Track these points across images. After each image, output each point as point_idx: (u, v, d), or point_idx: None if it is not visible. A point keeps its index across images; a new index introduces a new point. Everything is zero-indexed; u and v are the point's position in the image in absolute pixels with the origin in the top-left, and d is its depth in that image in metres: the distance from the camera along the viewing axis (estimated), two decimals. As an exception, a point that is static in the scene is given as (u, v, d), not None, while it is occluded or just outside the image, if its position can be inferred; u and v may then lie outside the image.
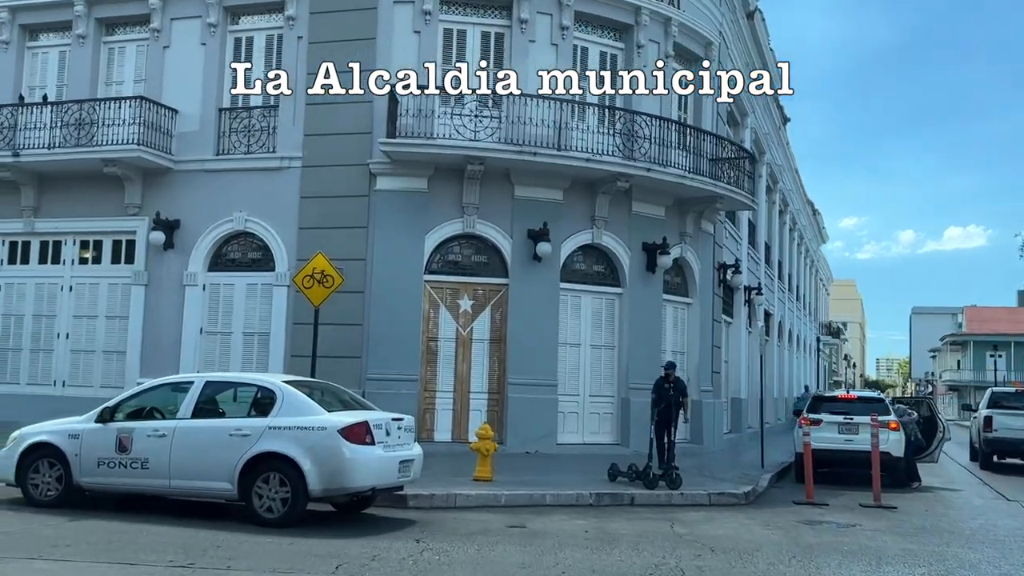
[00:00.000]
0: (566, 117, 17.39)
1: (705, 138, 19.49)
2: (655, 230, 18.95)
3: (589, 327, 18.56)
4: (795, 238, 43.10)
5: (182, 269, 18.27)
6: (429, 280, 17.60)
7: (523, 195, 17.77)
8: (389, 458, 9.75)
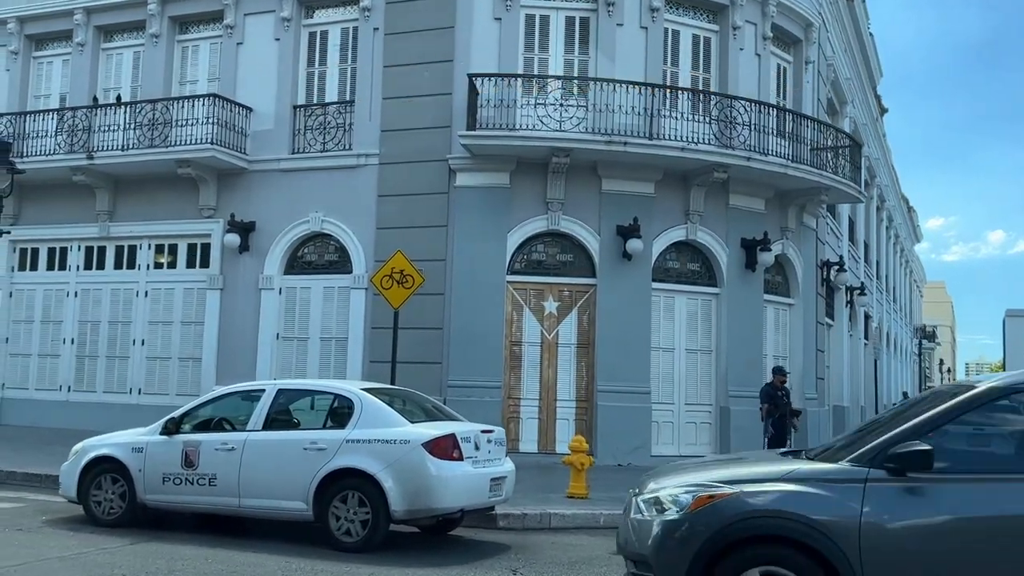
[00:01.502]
0: (657, 104, 16.21)
1: (807, 124, 18.04)
2: (754, 225, 17.58)
3: (684, 330, 17.28)
4: (891, 236, 40.90)
5: (258, 272, 17.66)
6: (512, 281, 16.60)
7: (611, 189, 16.63)
8: (479, 475, 8.71)
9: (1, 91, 20.05)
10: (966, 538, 4.83)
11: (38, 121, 18.85)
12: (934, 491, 4.93)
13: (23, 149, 18.46)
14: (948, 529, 4.86)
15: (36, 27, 20.10)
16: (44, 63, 20.36)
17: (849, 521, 4.91)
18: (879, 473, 5.00)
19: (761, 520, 5.09)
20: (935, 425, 5.12)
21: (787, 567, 5.01)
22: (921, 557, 4.85)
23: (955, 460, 5.10)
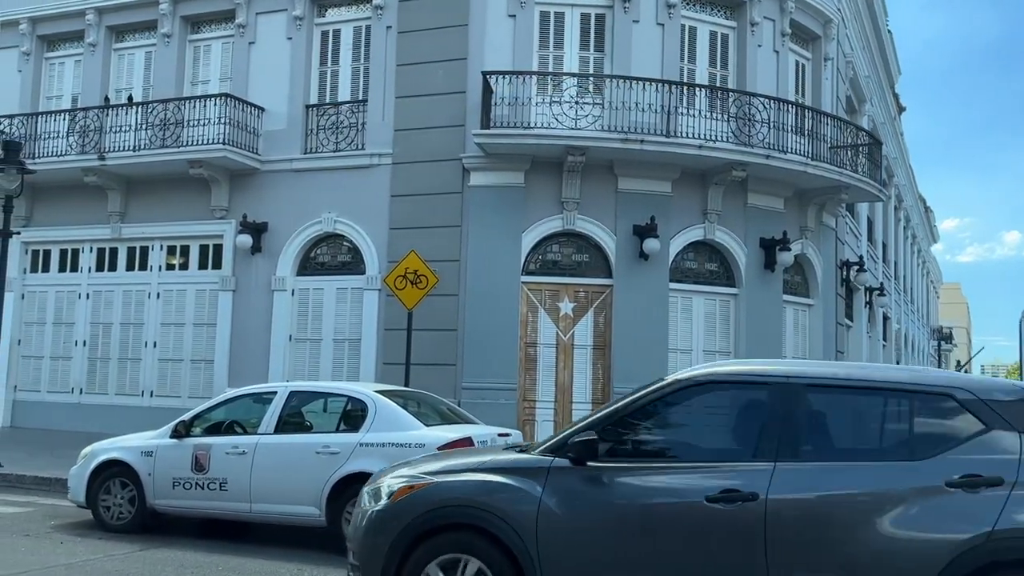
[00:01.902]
0: (674, 101, 15.94)
1: (826, 122, 17.73)
2: (773, 224, 17.28)
3: (702, 331, 17.00)
4: (908, 236, 40.44)
5: (270, 273, 17.49)
6: (527, 281, 16.36)
7: (627, 188, 16.36)
8: (496, 480, 8.46)
9: (13, 92, 19.94)
10: (629, 523, 5.00)
11: (50, 122, 18.75)
12: (607, 479, 5.11)
13: (35, 150, 18.35)
14: (614, 514, 5.03)
15: (48, 28, 20.01)
16: (56, 64, 20.27)
17: (529, 508, 5.10)
18: (562, 462, 5.19)
19: (450, 509, 5.29)
20: (620, 415, 5.36)
21: (473, 554, 5.18)
22: (589, 541, 5.04)
23: (633, 449, 5.33)
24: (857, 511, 4.72)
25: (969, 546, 4.50)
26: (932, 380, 5.07)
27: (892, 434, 5.17)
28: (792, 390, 5.06)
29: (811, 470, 4.87)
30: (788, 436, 4.97)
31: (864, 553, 4.64)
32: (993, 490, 4.60)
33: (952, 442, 4.83)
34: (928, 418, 4.96)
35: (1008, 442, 4.74)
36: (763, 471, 4.87)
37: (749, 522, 4.79)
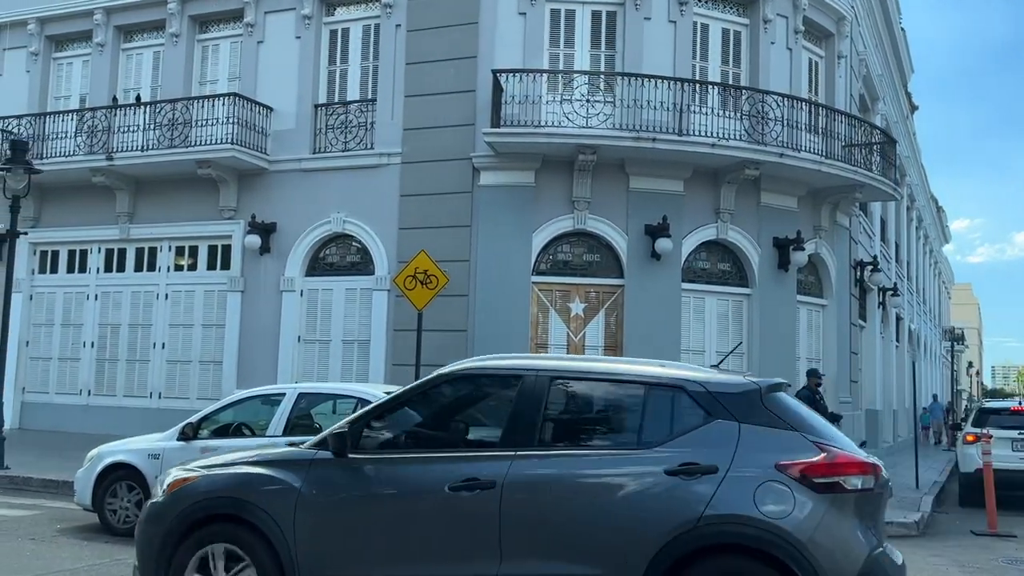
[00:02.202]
0: (686, 99, 15.75)
1: (840, 120, 17.52)
2: (787, 223, 17.07)
3: (715, 332, 16.80)
4: (920, 236, 40.11)
5: (279, 274, 17.37)
6: (537, 282, 16.20)
7: (639, 187, 16.19)
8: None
9: (21, 92, 19.88)
10: (379, 512, 5.18)
11: (58, 122, 18.68)
12: (363, 470, 5.30)
13: (43, 151, 18.29)
14: (366, 504, 5.22)
15: (56, 28, 19.94)
16: (64, 64, 20.21)
17: (289, 499, 5.27)
18: (325, 455, 5.34)
19: (214, 501, 5.44)
20: (386, 407, 5.58)
21: (237, 544, 5.34)
22: (342, 530, 5.22)
23: (393, 440, 5.52)
24: (585, 497, 4.90)
25: (681, 531, 4.68)
26: (665, 373, 5.28)
27: (625, 424, 5.32)
28: (538, 383, 5.23)
29: (547, 458, 5.05)
30: (530, 426, 5.14)
31: (590, 537, 4.82)
32: (707, 478, 4.76)
33: (678, 432, 5.01)
34: (660, 409, 5.14)
35: (728, 432, 4.90)
36: (504, 460, 5.04)
37: (487, 509, 4.95)
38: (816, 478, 4.70)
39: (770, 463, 4.75)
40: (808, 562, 4.53)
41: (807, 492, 4.68)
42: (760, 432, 4.89)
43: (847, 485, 4.74)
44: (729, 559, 4.68)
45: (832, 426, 5.37)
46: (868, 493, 4.84)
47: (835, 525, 4.67)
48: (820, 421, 5.21)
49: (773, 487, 4.69)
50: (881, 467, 5.02)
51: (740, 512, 4.65)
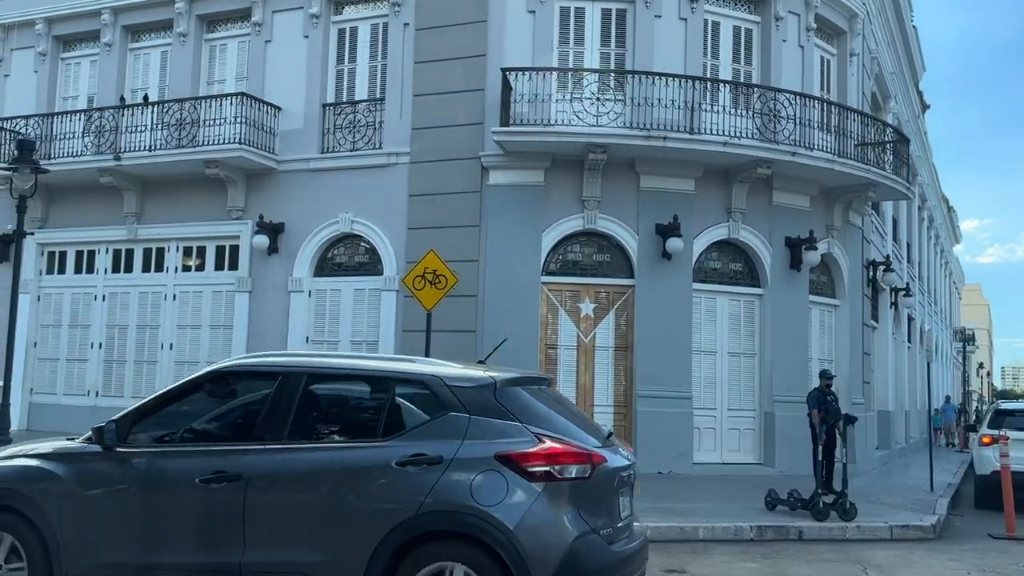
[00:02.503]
0: (697, 97, 15.60)
1: (852, 118, 17.33)
2: (799, 223, 16.90)
3: (726, 332, 16.64)
4: (931, 236, 39.82)
5: (287, 274, 17.27)
6: (547, 282, 16.07)
7: (650, 186, 16.05)
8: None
9: (29, 93, 19.84)
10: (137, 504, 5.43)
11: (65, 122, 18.62)
12: (126, 463, 5.53)
13: (51, 151, 18.23)
14: (126, 496, 5.46)
15: (63, 28, 19.88)
16: (72, 64, 20.15)
17: (57, 491, 5.55)
18: (95, 448, 5.60)
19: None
20: (156, 402, 5.81)
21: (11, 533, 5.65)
22: (102, 521, 5.46)
23: (158, 434, 5.68)
24: (321, 488, 5.15)
25: (404, 518, 4.93)
26: (409, 369, 5.53)
27: (368, 418, 5.52)
28: (293, 379, 5.48)
29: (290, 451, 5.28)
30: (281, 421, 5.37)
31: (326, 526, 5.07)
32: (432, 468, 4.99)
33: (414, 425, 5.26)
34: (400, 403, 5.39)
35: (458, 424, 5.12)
36: (252, 454, 5.31)
37: (233, 501, 5.19)
38: (530, 467, 4.93)
39: (491, 453, 4.97)
40: (514, 546, 4.76)
41: (520, 481, 4.90)
42: (487, 424, 5.10)
43: (560, 474, 4.95)
44: (447, 545, 4.92)
45: (565, 419, 5.52)
46: (584, 481, 5.02)
47: (544, 511, 4.87)
48: (553, 415, 5.41)
49: (490, 476, 4.92)
50: (603, 456, 5.22)
51: (457, 501, 4.89)
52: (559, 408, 5.62)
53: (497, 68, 15.74)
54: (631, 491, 5.71)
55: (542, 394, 5.66)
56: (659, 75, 15.43)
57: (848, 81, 18.92)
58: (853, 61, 19.12)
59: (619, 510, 5.37)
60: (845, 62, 18.92)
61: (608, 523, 5.16)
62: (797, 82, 17.13)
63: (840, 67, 18.92)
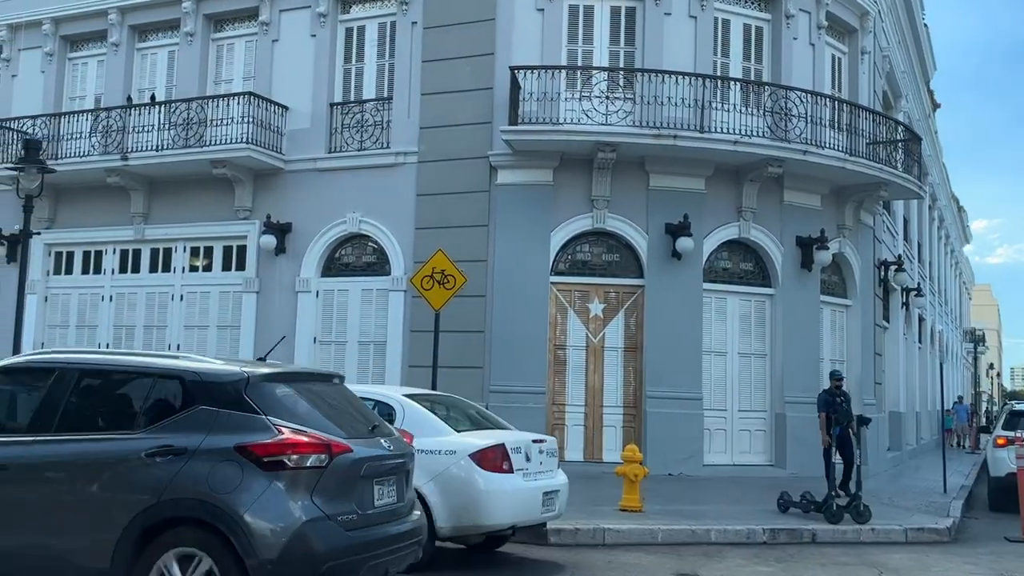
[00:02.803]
0: (708, 96, 15.46)
1: (864, 116, 17.16)
2: (810, 222, 16.74)
3: (737, 333, 16.50)
4: (942, 236, 39.56)
5: (294, 275, 17.18)
6: (556, 282, 15.95)
7: (659, 185, 15.92)
8: (530, 489, 8.05)
9: (37, 93, 19.79)
10: None
11: (73, 122, 18.57)
12: None
13: (58, 151, 18.20)
14: None
15: (71, 28, 19.84)
16: (79, 64, 20.11)
17: None
18: None
19: None
20: None
21: None
22: None
23: None
24: (80, 477, 5.42)
25: (146, 505, 5.20)
26: (169, 364, 5.79)
27: (129, 411, 5.76)
28: (67, 375, 5.80)
29: (56, 442, 5.57)
30: (51, 414, 5.68)
31: (79, 512, 5.34)
32: (177, 459, 5.25)
33: (168, 417, 5.50)
34: (159, 397, 5.64)
35: (207, 417, 5.38)
36: (20, 445, 5.64)
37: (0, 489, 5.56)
38: (265, 457, 5.20)
39: (231, 445, 5.24)
40: (243, 530, 5.03)
41: (256, 470, 5.17)
42: (233, 417, 5.36)
43: (294, 463, 5.22)
44: (186, 531, 5.18)
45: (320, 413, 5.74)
46: (320, 470, 5.28)
47: (275, 498, 5.13)
48: (307, 409, 5.66)
49: (228, 466, 5.18)
50: (345, 447, 5.45)
51: (194, 489, 5.16)
52: (320, 403, 5.85)
53: (505, 67, 15.63)
54: (400, 479, 5.97)
55: (308, 390, 5.91)
56: (669, 73, 15.31)
57: (859, 79, 18.75)
58: (864, 59, 18.95)
59: (372, 497, 5.63)
60: (856, 60, 18.75)
61: (352, 510, 5.41)
62: (808, 80, 16.98)
63: (851, 65, 18.76)
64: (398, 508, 5.89)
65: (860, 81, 18.77)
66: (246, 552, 5.01)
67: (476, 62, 16.11)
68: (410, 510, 6.12)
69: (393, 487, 5.86)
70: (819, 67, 17.53)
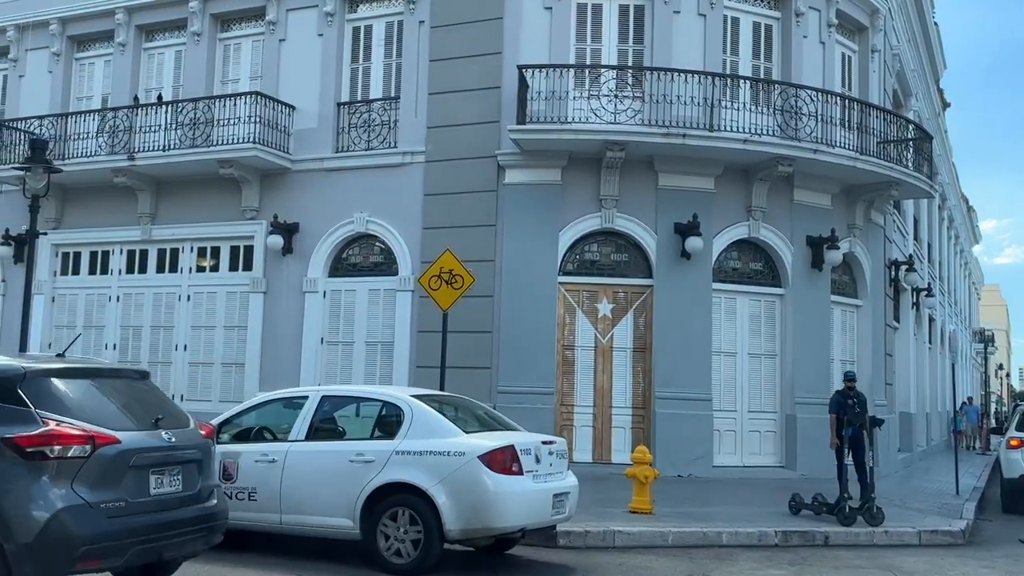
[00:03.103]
0: (717, 94, 15.34)
1: (875, 115, 17.02)
2: (820, 222, 16.61)
3: (746, 333, 16.37)
4: (952, 236, 39.33)
5: (302, 275, 17.11)
6: (564, 282, 15.85)
7: (668, 184, 15.81)
8: (540, 491, 7.95)
9: (44, 93, 19.77)
10: None
11: (80, 122, 18.53)
12: None
13: (65, 151, 18.16)
14: None
15: (78, 28, 19.80)
16: (86, 64, 20.07)
17: None
18: None
19: None
20: None
21: None
22: None
23: None
24: None
25: None
26: None
27: None
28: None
29: None
30: None
31: None
32: None
33: None
34: None
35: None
36: None
37: None
38: (27, 448, 5.37)
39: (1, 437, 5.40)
40: (2, 516, 5.21)
41: (18, 460, 5.34)
42: (5, 410, 5.52)
43: (54, 454, 5.39)
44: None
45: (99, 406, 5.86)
46: (82, 460, 5.46)
47: (33, 486, 5.31)
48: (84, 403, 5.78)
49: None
50: (112, 438, 5.59)
51: None
52: (102, 397, 5.99)
53: (513, 66, 15.55)
54: (188, 469, 6.14)
55: (93, 385, 6.02)
56: (678, 72, 15.20)
57: (870, 78, 18.61)
58: (874, 58, 18.82)
59: (148, 486, 5.82)
60: (867, 59, 18.62)
61: (120, 497, 5.59)
62: (818, 79, 16.85)
63: (861, 64, 18.62)
64: (186, 496, 6.09)
65: (870, 79, 18.63)
66: (4, 537, 5.22)
67: (484, 61, 16.02)
68: (207, 498, 6.30)
69: (178, 476, 6.07)
70: (829, 65, 17.40)
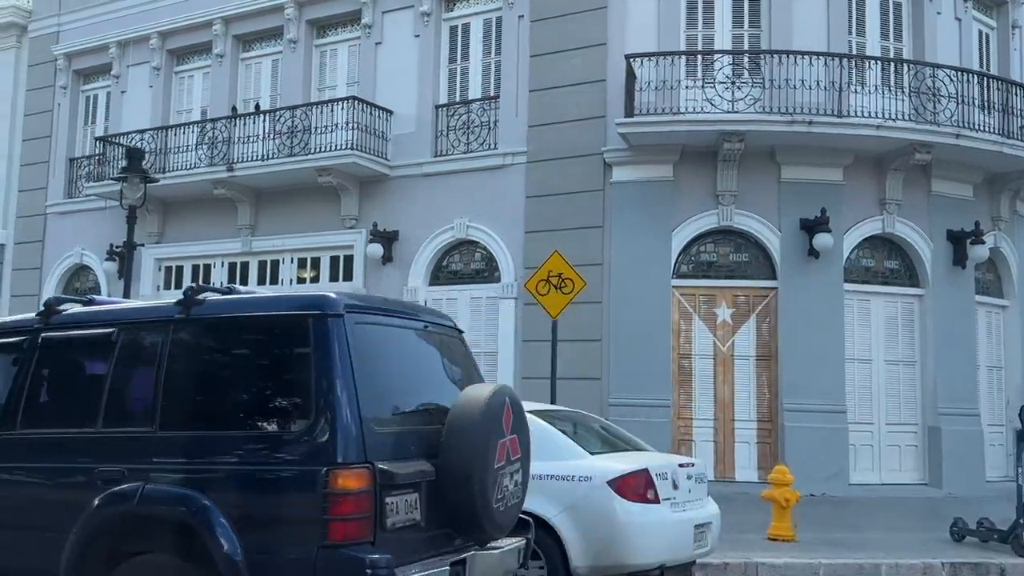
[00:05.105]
0: (844, 77, 14.08)
1: (1019, 94, 15.39)
2: (962, 214, 15.10)
3: (882, 338, 14.96)
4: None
5: (402, 284, 16.52)
6: (678, 286, 14.80)
7: (792, 177, 14.59)
8: (680, 522, 6.94)
9: (145, 108, 19.84)
10: None
11: (179, 135, 18.50)
12: None
13: (165, 164, 18.13)
14: None
15: (177, 41, 19.80)
16: (185, 77, 20.07)
17: None
18: None
19: None
20: None
21: None
22: None
23: None
24: None
25: None
26: None
27: None
28: None
29: None
30: None
31: None
32: None
33: None
34: None
35: None
36: None
37: None
38: None
39: None
40: None
41: None
42: None
43: None
44: None
45: None
46: None
47: None
48: None
49: None
50: None
51: None
52: None
53: (618, 57, 14.64)
54: None
55: None
56: (800, 54, 14.00)
57: (1011, 56, 16.98)
58: (1016, 34, 17.17)
59: None
60: (1007, 35, 17.01)
61: None
62: (953, 58, 15.38)
63: (1001, 41, 17.01)
64: None
65: (1011, 57, 16.99)
66: None
67: (587, 53, 15.16)
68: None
69: None
70: (966, 44, 15.91)
